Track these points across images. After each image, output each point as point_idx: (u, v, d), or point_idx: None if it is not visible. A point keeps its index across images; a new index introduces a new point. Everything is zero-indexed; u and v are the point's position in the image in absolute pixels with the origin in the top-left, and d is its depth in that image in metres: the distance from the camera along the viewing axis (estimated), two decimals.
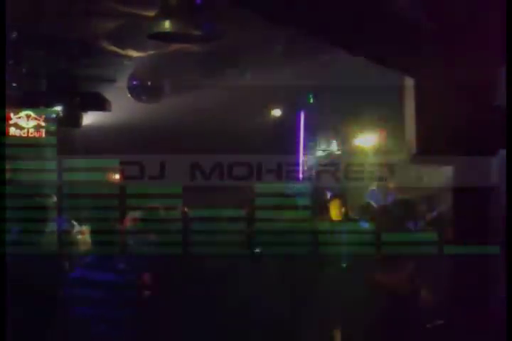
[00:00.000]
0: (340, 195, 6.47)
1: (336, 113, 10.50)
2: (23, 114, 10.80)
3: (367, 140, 10.96)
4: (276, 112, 11.54)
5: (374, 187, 8.85)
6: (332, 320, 5.02)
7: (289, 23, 4.99)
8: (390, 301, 4.70)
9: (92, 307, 4.34)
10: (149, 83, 10.24)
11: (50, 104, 9.87)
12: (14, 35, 8.20)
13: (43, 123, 10.86)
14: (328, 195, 6.81)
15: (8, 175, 4.69)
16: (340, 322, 5.04)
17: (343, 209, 6.39)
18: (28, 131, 10.91)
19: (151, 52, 9.36)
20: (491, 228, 4.45)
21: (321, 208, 6.19)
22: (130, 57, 9.60)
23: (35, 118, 10.94)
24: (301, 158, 10.81)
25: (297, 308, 4.80)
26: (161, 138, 10.05)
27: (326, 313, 4.86)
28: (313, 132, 11.49)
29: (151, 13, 6.99)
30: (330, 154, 11.20)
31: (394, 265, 4.81)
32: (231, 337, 4.60)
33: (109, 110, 10.15)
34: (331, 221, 6.33)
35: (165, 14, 6.72)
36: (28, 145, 6.80)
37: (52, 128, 10.19)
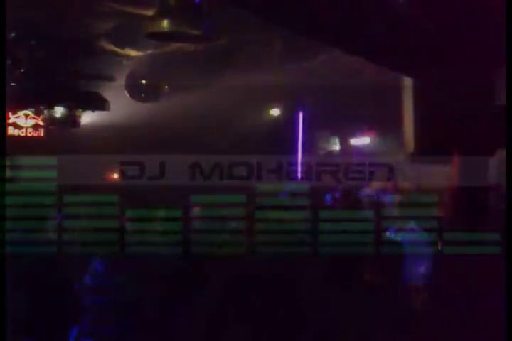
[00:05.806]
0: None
1: (336, 112, 10.49)
2: (21, 113, 10.80)
3: (365, 139, 10.97)
4: (276, 112, 11.53)
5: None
6: None
7: (287, 22, 4.99)
8: None
9: None
10: (148, 83, 10.24)
11: (48, 104, 9.85)
12: (13, 34, 8.20)
13: (41, 123, 10.86)
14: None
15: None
16: None
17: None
18: (26, 131, 10.91)
19: (150, 51, 9.36)
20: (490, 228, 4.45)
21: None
22: (129, 57, 9.60)
23: (34, 118, 10.94)
24: (301, 157, 10.78)
25: None
26: (160, 137, 10.04)
27: None
28: (313, 132, 11.47)
29: (150, 13, 6.98)
30: (329, 154, 11.19)
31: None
32: None
33: (108, 109, 10.14)
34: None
35: (164, 13, 6.71)
36: None
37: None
